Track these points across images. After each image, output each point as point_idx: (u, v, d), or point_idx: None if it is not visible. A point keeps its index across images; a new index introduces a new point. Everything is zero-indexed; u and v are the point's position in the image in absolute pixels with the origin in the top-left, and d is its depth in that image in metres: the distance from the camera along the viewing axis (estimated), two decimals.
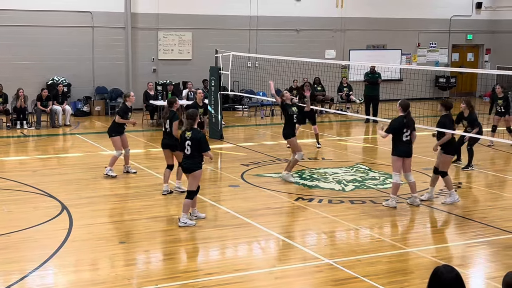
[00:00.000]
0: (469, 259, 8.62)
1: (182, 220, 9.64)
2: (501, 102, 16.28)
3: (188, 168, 9.65)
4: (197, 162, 9.59)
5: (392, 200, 10.75)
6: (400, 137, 10.57)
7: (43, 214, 10.20)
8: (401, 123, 10.58)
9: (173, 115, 11.29)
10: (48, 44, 21.47)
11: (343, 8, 25.54)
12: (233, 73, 18.80)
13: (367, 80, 21.24)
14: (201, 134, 9.72)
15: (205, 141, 9.71)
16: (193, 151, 9.55)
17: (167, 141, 11.40)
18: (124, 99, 13.20)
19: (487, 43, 28.79)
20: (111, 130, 12.84)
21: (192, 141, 9.54)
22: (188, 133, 9.62)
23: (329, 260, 8.24)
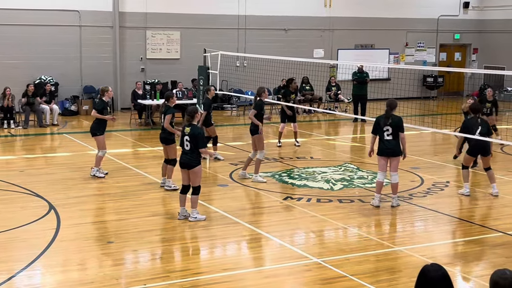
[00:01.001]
0: (457, 257, 8.66)
1: (193, 215, 9.74)
2: (489, 105, 16.19)
3: (186, 163, 9.67)
4: (195, 158, 9.62)
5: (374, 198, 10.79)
6: (381, 136, 10.62)
7: (31, 214, 10.15)
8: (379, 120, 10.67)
9: (167, 109, 11.55)
10: (35, 43, 21.36)
11: (331, 7, 25.58)
12: (222, 73, 18.80)
13: (355, 79, 21.29)
14: (199, 130, 9.77)
15: (203, 138, 9.80)
16: (191, 147, 9.61)
17: (162, 135, 11.70)
18: (101, 93, 12.83)
19: (475, 43, 28.93)
20: (95, 129, 12.65)
21: (190, 137, 9.59)
22: (187, 128, 9.69)
23: (318, 259, 8.26)
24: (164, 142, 11.75)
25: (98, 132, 12.61)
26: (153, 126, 19.42)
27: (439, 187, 12.27)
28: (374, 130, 10.80)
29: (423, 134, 17.90)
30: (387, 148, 10.57)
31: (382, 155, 10.66)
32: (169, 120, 11.44)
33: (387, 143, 10.57)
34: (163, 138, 11.74)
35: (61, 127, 19.20)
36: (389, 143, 10.55)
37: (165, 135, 11.68)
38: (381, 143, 10.65)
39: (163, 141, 11.76)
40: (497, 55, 27.65)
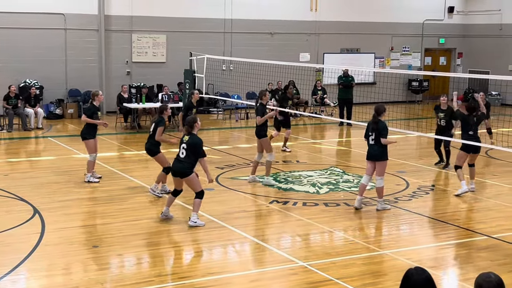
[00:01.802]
0: (442, 261, 8.69)
1: (192, 219, 9.69)
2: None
3: (179, 172, 9.64)
4: (189, 166, 9.59)
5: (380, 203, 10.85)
6: (368, 140, 10.73)
7: (15, 218, 10.07)
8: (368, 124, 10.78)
9: (160, 120, 11.33)
10: (20, 46, 21.24)
11: (317, 11, 25.65)
12: (208, 76, 18.80)
13: (341, 83, 21.35)
14: (199, 140, 9.74)
15: (202, 147, 9.77)
16: (187, 155, 9.57)
17: (148, 145, 11.45)
18: (92, 98, 12.84)
19: (459, 47, 29.14)
20: (85, 133, 12.62)
21: (188, 146, 9.58)
22: (186, 137, 9.71)
23: (304, 262, 8.26)
24: (149, 153, 11.51)
25: (88, 136, 12.53)
26: (138, 129, 19.36)
27: (424, 190, 12.32)
28: (365, 135, 10.91)
29: (409, 138, 17.98)
30: (371, 152, 10.67)
31: (368, 159, 10.77)
32: (161, 132, 11.22)
33: (371, 148, 10.67)
34: (148, 149, 11.46)
35: (46, 131, 19.08)
36: (372, 148, 10.64)
37: (150, 145, 11.38)
38: (368, 147, 10.77)
39: (148, 152, 11.50)
40: (482, 59, 27.85)
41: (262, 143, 12.54)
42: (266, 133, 12.57)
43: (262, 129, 12.47)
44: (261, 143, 12.54)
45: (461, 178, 11.83)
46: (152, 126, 11.44)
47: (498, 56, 27.12)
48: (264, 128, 12.49)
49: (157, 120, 11.41)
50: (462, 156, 11.89)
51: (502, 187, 12.59)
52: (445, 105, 14.01)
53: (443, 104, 14.04)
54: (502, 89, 23.76)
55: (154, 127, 11.33)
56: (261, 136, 12.50)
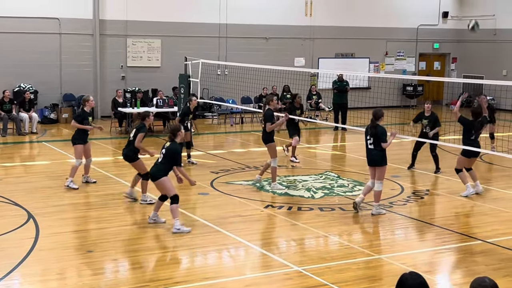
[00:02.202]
0: (437, 265, 8.70)
1: (175, 226, 9.61)
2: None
3: (153, 175, 9.71)
4: (163, 170, 9.58)
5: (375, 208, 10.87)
6: (366, 145, 10.75)
7: (9, 223, 10.03)
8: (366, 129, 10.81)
9: (141, 127, 11.21)
10: (14, 51, 21.20)
11: (312, 16, 25.70)
12: (203, 81, 18.78)
13: (335, 88, 21.38)
14: (178, 147, 9.74)
15: (180, 156, 9.74)
16: (164, 159, 9.58)
17: (126, 152, 11.27)
18: (83, 103, 12.78)
19: (454, 52, 29.22)
20: (75, 138, 12.54)
21: (167, 151, 9.58)
22: (167, 143, 9.74)
23: (299, 267, 8.25)
24: (127, 159, 11.32)
25: (77, 141, 12.49)
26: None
27: (419, 195, 12.34)
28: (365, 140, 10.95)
29: (403, 142, 18.00)
30: (370, 158, 10.68)
31: (368, 164, 10.82)
32: (141, 139, 11.09)
33: (370, 153, 10.68)
34: (126, 155, 11.27)
35: (40, 135, 19.04)
36: (371, 153, 10.65)
37: (128, 151, 11.21)
38: (366, 152, 10.79)
39: (126, 158, 11.30)
40: (476, 64, 27.95)
41: (268, 148, 12.53)
42: (273, 139, 12.55)
43: (270, 134, 12.48)
44: (268, 148, 12.53)
45: (465, 181, 11.96)
46: (133, 132, 11.24)
47: (492, 61, 27.22)
48: (271, 134, 12.49)
49: (138, 126, 11.24)
50: (462, 160, 11.94)
51: (497, 191, 12.61)
52: (429, 112, 13.97)
53: (427, 111, 14.00)
54: (497, 94, 23.79)
55: (135, 133, 11.15)
56: (268, 141, 12.49)
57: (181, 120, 14.37)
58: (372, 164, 10.71)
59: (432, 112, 13.95)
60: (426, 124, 13.92)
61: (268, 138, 12.48)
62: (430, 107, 14.03)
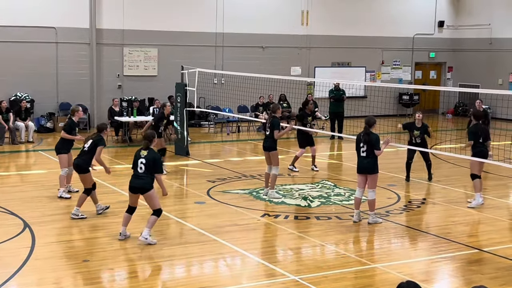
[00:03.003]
0: (433, 274, 8.70)
1: (144, 235, 9.47)
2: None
3: (140, 188, 9.46)
4: (149, 181, 9.41)
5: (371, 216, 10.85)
6: (358, 152, 10.75)
7: (5, 232, 10.00)
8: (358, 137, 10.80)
9: (100, 139, 11.00)
10: (11, 60, 21.20)
11: (308, 25, 25.77)
12: (199, 90, 18.79)
13: (332, 97, 21.41)
14: (157, 155, 9.61)
15: (160, 163, 9.61)
16: (146, 170, 9.40)
17: (78, 161, 10.99)
18: (71, 113, 12.67)
19: (449, 61, 29.31)
20: (60, 147, 12.42)
21: (146, 161, 9.41)
22: (143, 151, 9.50)
23: (295, 276, 8.24)
24: (77, 169, 10.99)
25: (62, 150, 12.37)
26: (130, 143, 19.33)
27: (415, 204, 12.34)
28: (356, 148, 10.90)
29: (399, 151, 18.00)
30: (362, 165, 10.66)
31: (359, 172, 10.75)
32: (100, 152, 10.92)
33: (362, 160, 10.66)
34: (78, 165, 10.94)
35: (37, 144, 19.01)
36: (364, 160, 10.63)
37: (81, 162, 10.92)
38: (358, 160, 10.76)
39: (78, 168, 10.96)
40: (472, 73, 28.03)
41: (272, 156, 12.54)
42: (277, 147, 12.58)
43: (275, 142, 12.53)
44: (271, 156, 12.54)
45: (478, 189, 11.90)
46: (88, 143, 10.96)
47: (488, 70, 27.30)
48: (276, 142, 12.55)
49: (95, 139, 10.98)
50: (477, 164, 11.85)
51: (493, 200, 12.62)
52: (420, 122, 13.86)
53: (418, 121, 13.88)
54: (492, 103, 23.87)
55: (92, 144, 10.89)
56: (272, 149, 12.52)
57: (155, 126, 14.41)
58: (364, 172, 10.68)
59: (423, 123, 13.88)
60: (417, 135, 13.86)
61: (273, 145, 12.52)
62: (421, 117, 13.92)
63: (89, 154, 10.94)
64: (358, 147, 10.77)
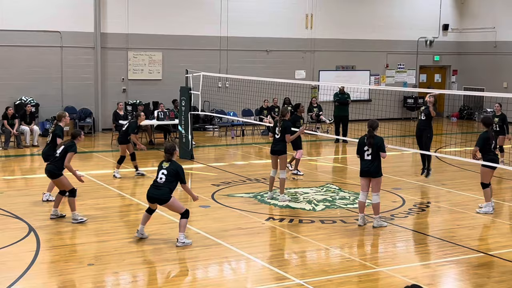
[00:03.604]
0: (439, 278, 8.67)
1: (180, 240, 9.60)
2: (497, 121, 16.15)
3: (157, 198, 9.60)
4: (167, 191, 9.53)
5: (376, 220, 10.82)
6: (362, 156, 10.71)
7: (10, 236, 10.02)
8: (361, 140, 10.77)
9: (71, 145, 10.90)
10: (16, 64, 21.27)
11: (312, 29, 25.79)
12: (204, 93, 18.81)
13: (337, 100, 21.40)
14: (179, 166, 9.69)
15: (183, 173, 9.68)
16: (166, 181, 9.53)
17: (50, 167, 10.91)
18: (58, 119, 12.54)
19: (454, 64, 29.27)
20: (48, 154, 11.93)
21: (169, 172, 9.54)
22: (165, 163, 9.66)
23: (300, 280, 8.22)
24: (50, 175, 10.94)
25: (50, 157, 12.20)
26: (134, 147, 19.30)
27: (420, 207, 12.31)
28: (357, 151, 10.88)
29: (404, 155, 18.01)
30: (367, 168, 10.62)
31: (363, 176, 10.73)
32: (70, 158, 10.83)
33: (367, 164, 10.63)
34: (50, 171, 10.88)
35: (41, 148, 19.01)
36: (369, 164, 10.60)
37: (53, 168, 10.85)
38: (361, 163, 10.72)
39: (50, 174, 10.93)
40: (477, 76, 27.99)
41: (281, 160, 12.55)
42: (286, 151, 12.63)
43: (285, 146, 12.55)
44: (280, 160, 12.54)
45: (489, 198, 11.80)
46: (60, 149, 10.89)
47: (493, 73, 27.25)
48: (286, 145, 12.59)
49: (67, 145, 10.88)
50: (488, 172, 11.75)
51: (498, 204, 12.58)
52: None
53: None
54: None
55: (63, 151, 10.81)
56: (283, 152, 12.53)
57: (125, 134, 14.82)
58: (368, 175, 10.65)
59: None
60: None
61: (284, 149, 12.55)
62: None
63: (61, 161, 10.85)
64: (361, 151, 10.73)
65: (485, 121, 11.96)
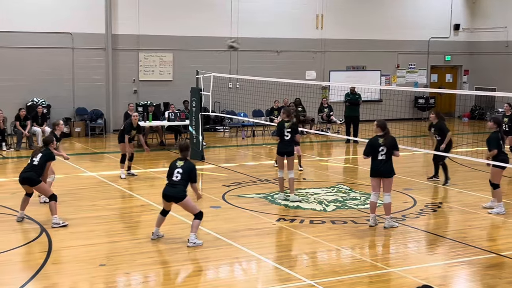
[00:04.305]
0: (450, 279, 8.65)
1: (191, 240, 9.64)
2: (507, 121, 16.17)
3: (173, 196, 9.64)
4: (183, 189, 9.61)
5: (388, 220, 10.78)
6: (375, 156, 10.66)
7: (22, 237, 10.08)
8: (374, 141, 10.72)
9: (49, 153, 10.94)
10: (27, 66, 21.39)
11: (323, 29, 25.76)
12: (214, 94, 18.84)
13: (347, 100, 21.37)
14: (193, 164, 9.77)
15: (196, 172, 9.75)
16: (182, 179, 9.59)
17: (29, 175, 10.80)
18: (53, 127, 12.74)
19: (465, 64, 29.15)
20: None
21: (184, 170, 9.61)
22: (180, 162, 9.72)
23: (311, 281, 8.22)
24: (29, 182, 10.81)
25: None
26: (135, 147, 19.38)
27: (432, 208, 12.27)
28: (367, 153, 10.82)
29: (415, 155, 17.95)
30: (381, 169, 10.58)
31: (374, 175, 10.70)
32: (50, 165, 11.02)
33: (380, 164, 10.59)
34: (29, 178, 10.77)
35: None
36: (383, 164, 10.57)
37: (32, 175, 10.75)
38: (374, 164, 10.68)
39: (28, 181, 10.79)
40: (488, 76, 27.85)
41: (291, 161, 12.60)
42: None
43: (293, 146, 12.65)
44: (289, 161, 12.58)
45: (500, 198, 11.79)
46: (38, 157, 10.83)
47: (505, 73, 27.10)
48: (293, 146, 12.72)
49: (45, 153, 10.89)
50: (498, 172, 11.72)
51: (510, 204, 12.51)
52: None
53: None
54: None
55: (42, 159, 10.79)
56: (293, 153, 12.65)
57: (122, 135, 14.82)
58: (381, 175, 10.62)
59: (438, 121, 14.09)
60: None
61: (293, 150, 12.66)
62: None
63: (40, 169, 10.81)
64: (374, 151, 10.67)
65: (496, 121, 11.93)
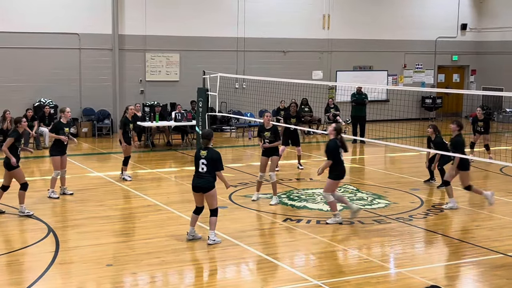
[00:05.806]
0: (457, 279, 8.63)
1: (211, 238, 9.68)
2: (482, 124, 17.33)
3: (202, 187, 9.64)
4: (212, 181, 9.62)
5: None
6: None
7: (29, 237, 10.12)
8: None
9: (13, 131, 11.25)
10: (34, 66, 21.45)
11: (329, 29, 25.73)
12: (221, 94, 18.86)
13: (354, 101, 21.35)
14: (217, 153, 9.74)
15: (221, 160, 9.74)
16: (208, 169, 9.59)
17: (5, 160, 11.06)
18: (60, 114, 13.04)
19: (473, 64, 29.07)
20: (52, 149, 12.75)
21: (207, 160, 9.59)
22: (203, 151, 9.68)
23: (318, 281, 8.22)
24: (6, 168, 11.09)
25: (54, 152, 12.66)
26: (152, 148, 19.43)
27: (438, 208, 12.24)
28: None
29: (422, 155, 17.87)
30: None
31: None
32: (9, 143, 11.02)
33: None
34: (5, 163, 11.09)
35: None
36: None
37: (6, 159, 11.06)
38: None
39: (6, 166, 11.09)
40: (495, 76, 27.77)
41: (274, 161, 12.56)
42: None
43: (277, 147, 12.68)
44: (273, 161, 12.52)
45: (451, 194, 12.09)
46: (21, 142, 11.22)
47: None
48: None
49: (10, 131, 11.15)
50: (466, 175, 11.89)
51: (510, 203, 12.48)
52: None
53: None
54: None
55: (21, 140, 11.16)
56: (277, 154, 12.69)
57: (123, 132, 14.60)
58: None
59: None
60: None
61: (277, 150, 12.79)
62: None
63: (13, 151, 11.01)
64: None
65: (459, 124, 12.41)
